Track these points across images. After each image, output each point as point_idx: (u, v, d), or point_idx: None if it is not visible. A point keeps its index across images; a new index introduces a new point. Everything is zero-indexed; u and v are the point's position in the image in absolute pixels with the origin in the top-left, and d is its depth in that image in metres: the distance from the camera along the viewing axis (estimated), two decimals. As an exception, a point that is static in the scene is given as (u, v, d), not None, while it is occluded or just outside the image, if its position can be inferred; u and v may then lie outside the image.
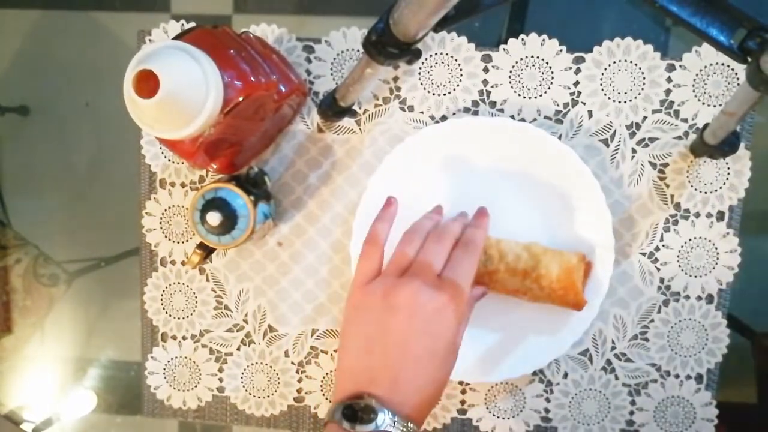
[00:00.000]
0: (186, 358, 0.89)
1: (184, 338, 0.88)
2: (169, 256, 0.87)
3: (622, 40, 0.80)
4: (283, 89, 0.73)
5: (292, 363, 0.88)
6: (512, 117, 0.82)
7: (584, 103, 0.81)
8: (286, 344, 0.87)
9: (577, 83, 0.81)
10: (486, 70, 0.82)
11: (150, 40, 0.85)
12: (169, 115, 0.62)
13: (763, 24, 0.56)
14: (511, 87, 0.82)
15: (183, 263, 0.87)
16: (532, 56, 0.81)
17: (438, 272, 0.64)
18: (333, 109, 0.77)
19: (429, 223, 0.71)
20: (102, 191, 0.94)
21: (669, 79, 0.80)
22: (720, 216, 0.81)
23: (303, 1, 0.90)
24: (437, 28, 0.58)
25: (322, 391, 0.87)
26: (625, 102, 0.81)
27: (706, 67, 0.80)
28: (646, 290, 0.82)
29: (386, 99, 0.83)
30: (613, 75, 0.80)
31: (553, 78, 0.81)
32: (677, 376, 0.83)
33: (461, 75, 0.82)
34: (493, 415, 0.85)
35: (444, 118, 0.82)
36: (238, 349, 0.88)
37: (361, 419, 0.55)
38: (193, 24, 0.81)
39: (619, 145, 0.81)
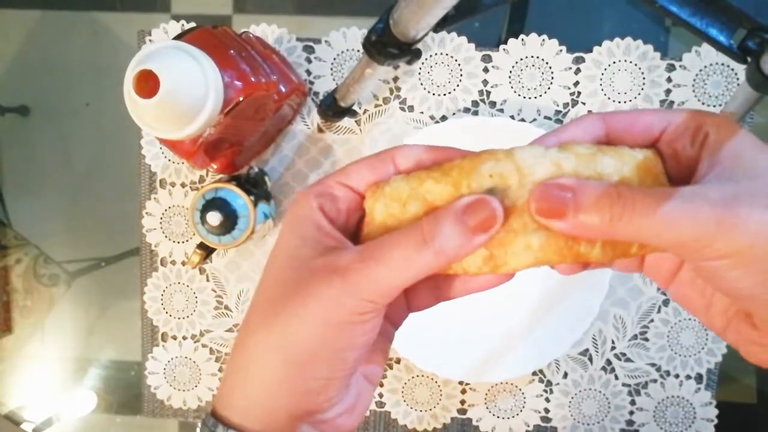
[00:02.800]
0: (186, 358, 0.89)
1: (184, 338, 0.88)
2: (170, 256, 0.87)
3: (622, 40, 0.80)
4: (283, 89, 0.73)
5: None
6: (512, 117, 0.82)
7: (584, 103, 0.81)
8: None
9: (577, 83, 0.81)
10: (486, 70, 0.82)
11: (150, 40, 0.85)
12: (170, 115, 0.62)
13: (762, 24, 0.56)
14: (511, 87, 0.82)
15: (183, 263, 0.87)
16: (532, 56, 0.81)
17: None
18: (333, 109, 0.77)
19: None
20: (102, 191, 0.94)
21: (669, 79, 0.80)
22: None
23: (303, 1, 0.90)
24: (437, 28, 0.58)
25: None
26: (625, 102, 0.81)
27: (706, 67, 0.80)
28: (645, 290, 0.82)
29: (386, 99, 0.83)
30: (613, 75, 0.80)
31: (553, 78, 0.81)
32: (677, 376, 0.83)
33: (461, 75, 0.82)
34: (493, 414, 0.85)
35: (444, 118, 0.82)
36: (238, 349, 0.88)
37: None
38: (193, 24, 0.82)
39: (619, 145, 0.81)
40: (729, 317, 0.35)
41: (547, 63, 0.81)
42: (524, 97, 0.82)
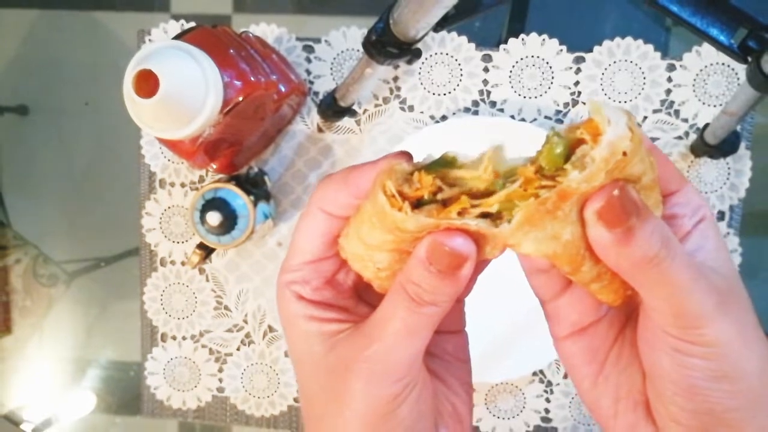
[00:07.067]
0: (186, 358, 0.89)
1: (183, 338, 0.88)
2: (169, 257, 0.87)
3: (622, 39, 0.80)
4: (283, 89, 0.73)
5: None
6: (512, 117, 0.82)
7: (584, 103, 0.81)
8: (285, 344, 0.87)
9: (577, 83, 0.81)
10: (486, 69, 0.82)
11: (150, 39, 0.85)
12: (169, 115, 0.62)
13: (763, 24, 0.56)
14: (512, 87, 0.82)
15: (183, 263, 0.87)
16: (533, 56, 0.81)
17: None
18: (333, 108, 0.77)
19: None
20: (101, 191, 0.94)
21: (669, 79, 0.80)
22: (720, 216, 0.81)
23: (303, 0, 0.90)
24: (437, 27, 0.58)
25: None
26: (625, 102, 0.80)
27: (706, 66, 0.80)
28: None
29: (386, 99, 0.83)
30: (613, 75, 0.80)
31: (553, 78, 0.81)
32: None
33: (461, 75, 0.82)
34: (493, 415, 0.85)
35: (444, 118, 0.82)
36: (238, 349, 0.88)
37: None
38: (192, 24, 0.81)
39: (619, 145, 0.81)
40: (621, 407, 0.33)
41: (547, 63, 0.81)
42: (524, 97, 0.81)
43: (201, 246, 0.80)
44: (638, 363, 0.33)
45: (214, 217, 0.75)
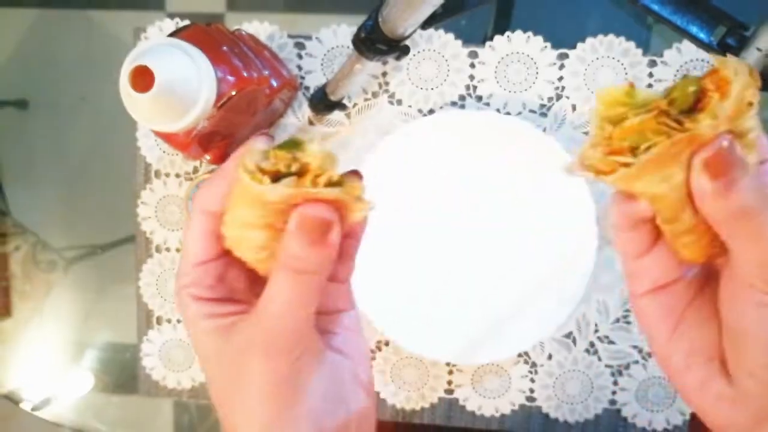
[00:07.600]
0: (180, 340, 0.91)
1: (178, 321, 0.90)
2: (164, 243, 0.89)
3: (605, 37, 0.82)
4: (275, 84, 0.74)
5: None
6: (498, 111, 0.83)
7: (568, 98, 0.83)
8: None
9: (561, 78, 0.83)
10: (473, 65, 0.84)
11: (145, 37, 0.86)
12: (164, 109, 0.64)
13: (741, 22, 0.58)
14: (497, 82, 0.83)
15: (177, 250, 0.89)
16: (518, 52, 0.83)
17: None
18: (323, 102, 0.78)
19: None
20: (99, 182, 0.95)
21: (651, 75, 0.82)
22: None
23: (294, -1, 0.91)
24: (425, 25, 0.60)
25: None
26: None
27: (686, 63, 0.82)
28: (625, 278, 0.84)
29: (375, 93, 0.85)
30: (596, 71, 0.82)
31: (537, 73, 0.83)
32: (655, 361, 0.85)
33: (448, 70, 0.84)
34: (479, 394, 0.87)
35: (432, 111, 0.84)
36: (232, 333, 0.90)
37: None
38: (187, 22, 0.83)
39: (601, 138, 0.82)
40: (693, 362, 0.34)
41: (532, 59, 0.83)
42: (510, 92, 0.83)
43: (195, 234, 0.81)
44: (713, 321, 0.34)
45: (208, 207, 0.77)
